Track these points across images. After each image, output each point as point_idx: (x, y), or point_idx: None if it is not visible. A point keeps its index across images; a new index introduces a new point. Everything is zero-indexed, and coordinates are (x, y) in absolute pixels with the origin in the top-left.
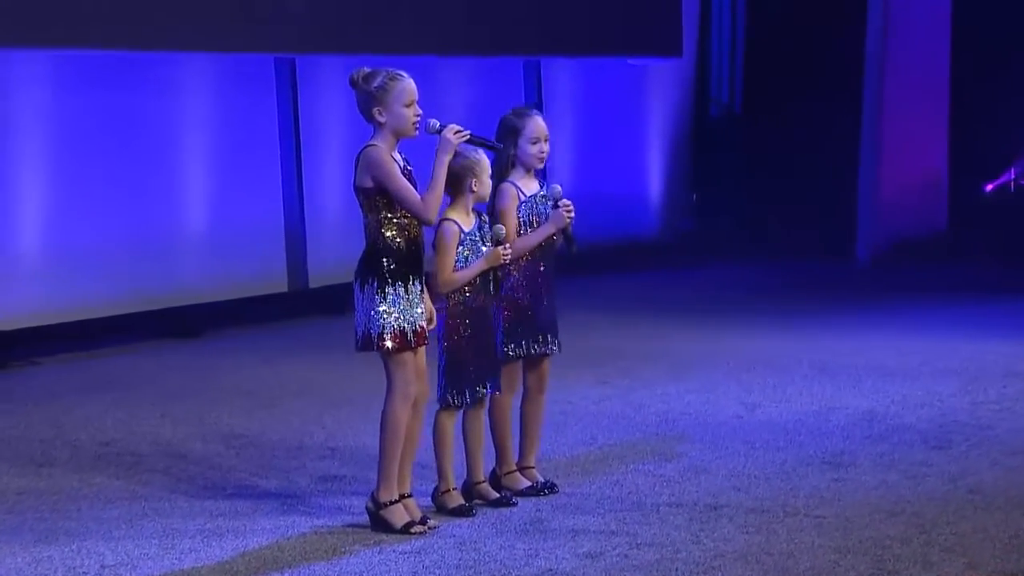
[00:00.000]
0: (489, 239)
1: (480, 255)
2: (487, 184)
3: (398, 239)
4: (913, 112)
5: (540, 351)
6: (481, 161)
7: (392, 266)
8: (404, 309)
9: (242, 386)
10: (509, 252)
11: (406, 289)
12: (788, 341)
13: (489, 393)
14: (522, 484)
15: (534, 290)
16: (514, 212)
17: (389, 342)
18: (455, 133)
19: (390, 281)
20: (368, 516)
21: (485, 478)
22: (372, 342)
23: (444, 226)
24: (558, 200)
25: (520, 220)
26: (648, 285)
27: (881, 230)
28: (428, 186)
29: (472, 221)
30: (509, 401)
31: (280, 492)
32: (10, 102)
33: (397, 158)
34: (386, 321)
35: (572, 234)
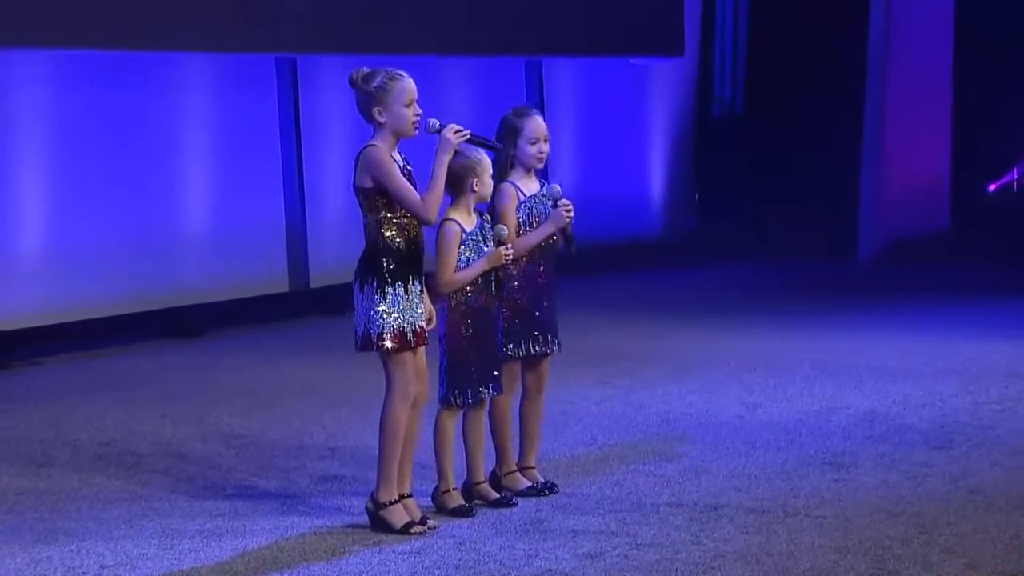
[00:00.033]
0: (491, 239)
1: (482, 255)
2: (488, 184)
3: (398, 239)
4: (915, 112)
5: (540, 351)
6: (482, 161)
7: (392, 266)
8: (404, 309)
9: (243, 386)
10: (511, 252)
11: (406, 289)
12: (789, 341)
13: (492, 394)
14: (522, 484)
15: (533, 290)
16: (513, 212)
17: (389, 342)
18: (455, 133)
19: (390, 281)
20: (368, 516)
21: (485, 478)
22: (372, 342)
23: (446, 226)
24: (557, 200)
25: (520, 220)
26: (650, 285)
27: (883, 230)
28: (428, 186)
29: (474, 221)
30: (509, 401)
31: (280, 492)
32: (11, 102)
33: (397, 158)
34: (386, 321)
35: (572, 234)
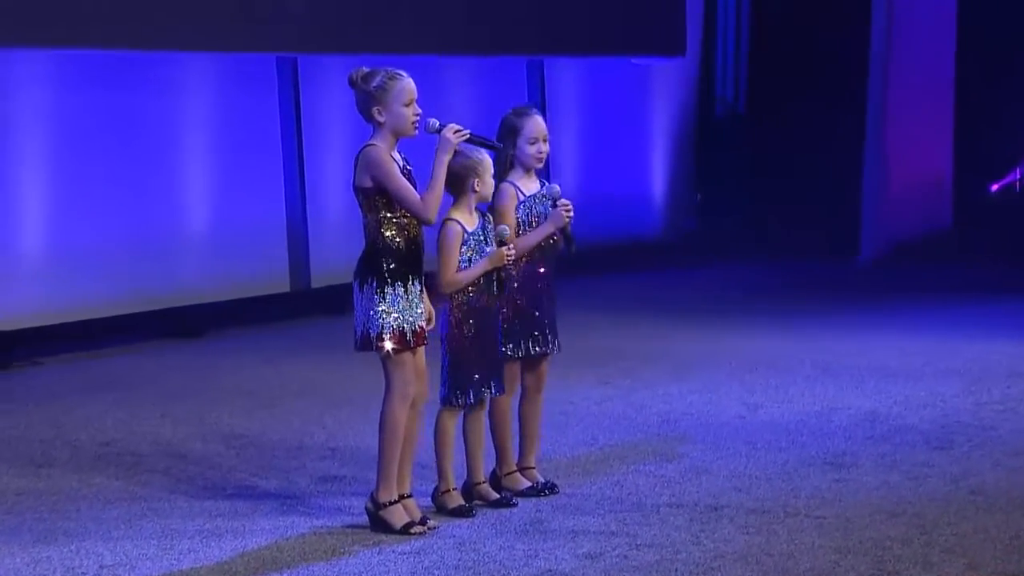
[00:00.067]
0: (493, 239)
1: (484, 255)
2: (490, 184)
3: (398, 239)
4: (917, 112)
5: (539, 351)
6: (484, 161)
7: (391, 266)
8: (403, 309)
9: (243, 386)
10: (513, 252)
11: (405, 289)
12: (791, 341)
13: (494, 394)
14: (522, 484)
15: (533, 290)
16: (513, 212)
17: (388, 342)
18: (455, 132)
19: (389, 281)
20: (367, 517)
21: (485, 479)
22: (371, 342)
23: (447, 227)
24: (557, 200)
25: (519, 220)
26: (651, 285)
27: (885, 230)
28: (428, 185)
29: (475, 221)
30: (509, 401)
31: (280, 492)
32: (11, 102)
33: (396, 158)
34: (385, 321)
35: (571, 234)
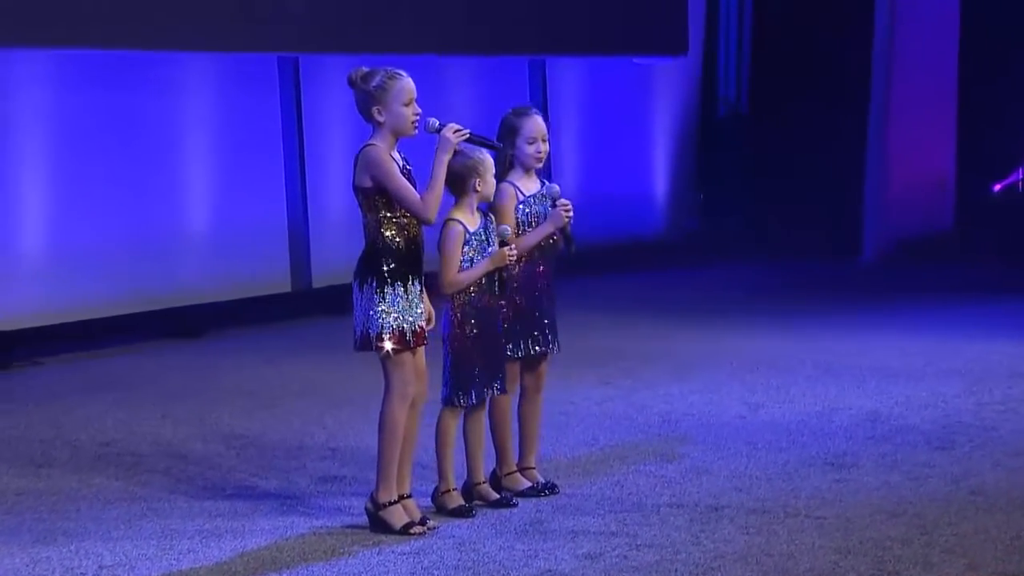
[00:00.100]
0: (494, 239)
1: (486, 255)
2: (491, 183)
3: (397, 239)
4: (920, 111)
5: (539, 351)
6: (485, 160)
7: (391, 266)
8: (403, 309)
9: (244, 386)
10: (515, 252)
11: (405, 289)
12: (792, 341)
13: (496, 394)
14: (523, 485)
15: (533, 290)
16: (512, 212)
17: (388, 342)
18: (454, 132)
19: (389, 281)
20: (367, 517)
21: (485, 479)
22: (371, 342)
23: (449, 227)
24: (556, 200)
25: (518, 220)
26: (653, 285)
27: (887, 230)
28: (427, 185)
29: (477, 221)
30: (509, 401)
31: (280, 493)
32: (11, 102)
33: (396, 157)
34: (385, 321)
35: (571, 234)
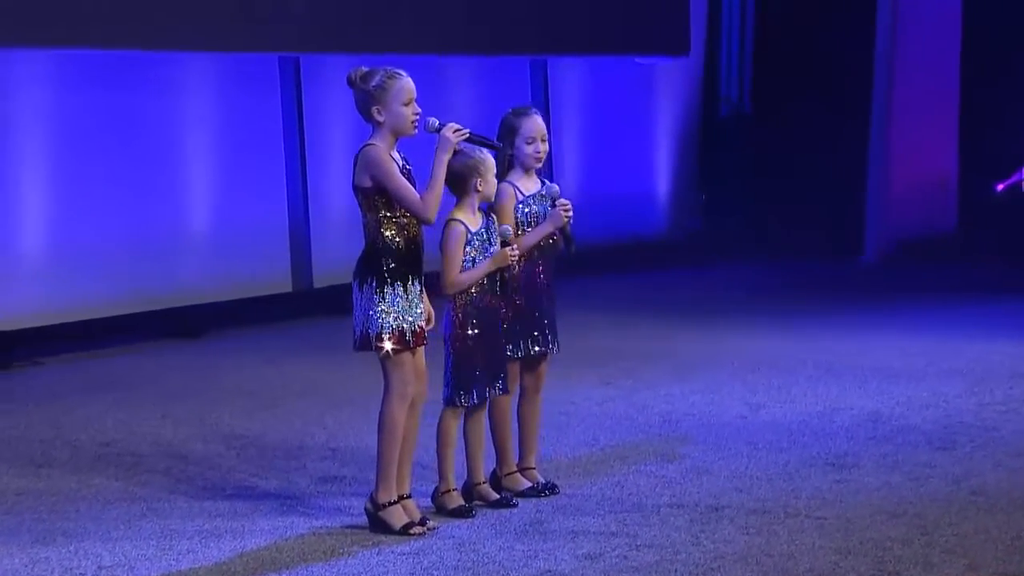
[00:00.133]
0: (496, 239)
1: (488, 255)
2: (492, 183)
3: (397, 238)
4: (922, 112)
5: (539, 351)
6: (486, 160)
7: (391, 265)
8: (403, 309)
9: (244, 387)
10: (517, 253)
11: (405, 289)
12: (794, 341)
13: (498, 394)
14: (523, 485)
15: (533, 290)
16: (512, 212)
17: (387, 342)
18: (454, 131)
19: (389, 281)
20: (367, 517)
21: (485, 479)
22: (370, 342)
23: (450, 227)
24: (556, 200)
25: (518, 220)
26: (654, 285)
27: (889, 230)
28: (427, 185)
29: (479, 221)
30: (509, 402)
31: (279, 493)
32: (12, 102)
33: (396, 157)
34: (384, 321)
35: (571, 234)
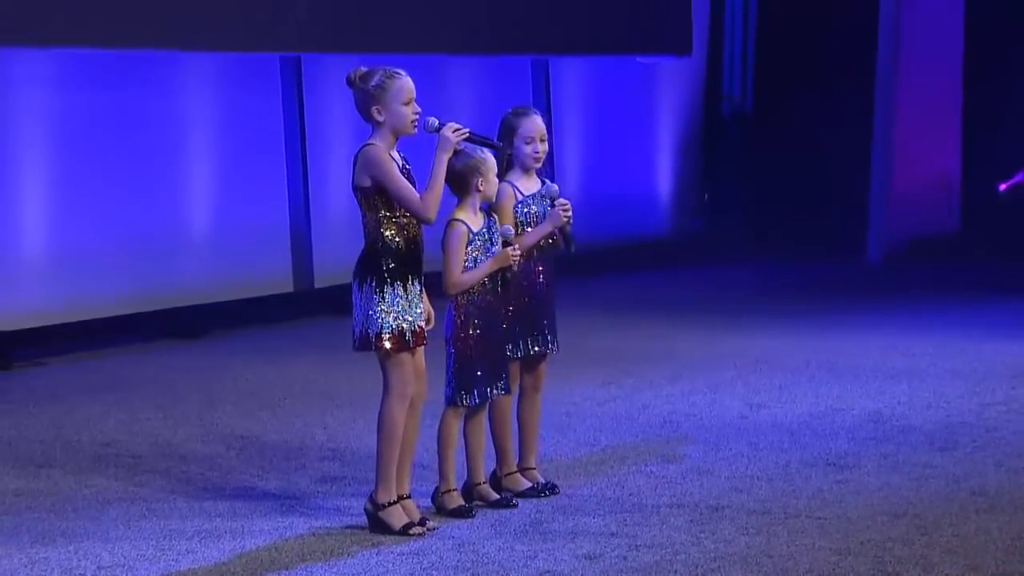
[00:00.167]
0: (498, 239)
1: (490, 255)
2: (494, 183)
3: (397, 238)
4: (925, 111)
5: (538, 351)
6: (487, 160)
7: (391, 265)
8: (403, 309)
9: (245, 387)
10: (518, 253)
11: (405, 289)
12: (795, 342)
13: (499, 394)
14: (523, 485)
15: (532, 290)
16: (511, 211)
17: (387, 342)
18: (454, 131)
19: (388, 281)
20: (367, 517)
21: (485, 479)
22: (370, 342)
23: (452, 227)
24: (555, 199)
25: (517, 220)
26: (656, 285)
27: (892, 230)
28: (427, 185)
29: (480, 221)
30: (509, 402)
31: (279, 493)
32: (12, 102)
33: (396, 157)
34: (384, 321)
35: (571, 233)
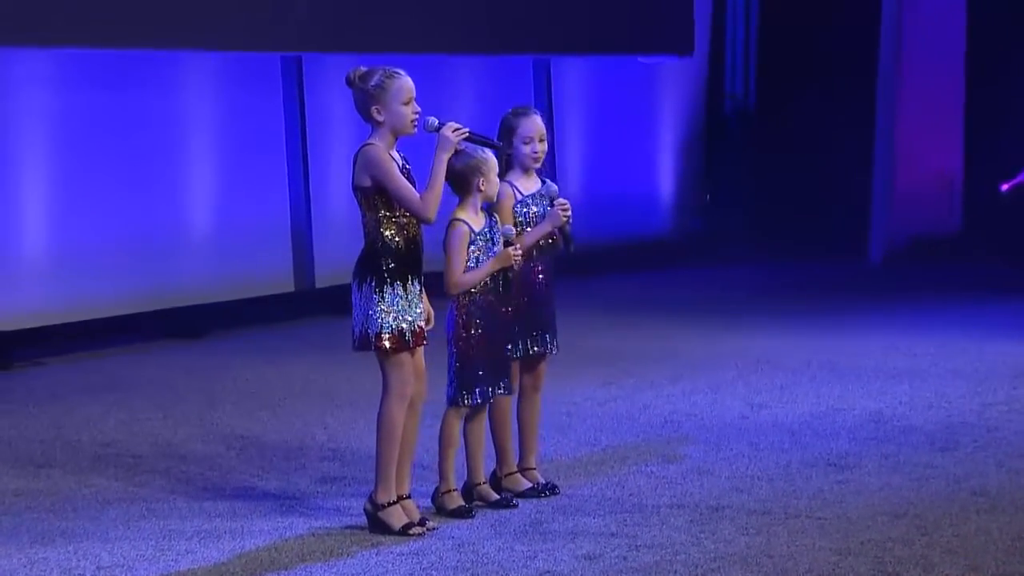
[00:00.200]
0: (499, 239)
1: (492, 255)
2: (495, 183)
3: (397, 238)
4: (927, 111)
5: (538, 351)
6: (488, 160)
7: (391, 265)
8: (402, 309)
9: (245, 387)
10: (520, 253)
11: (404, 289)
12: (797, 341)
13: (502, 394)
14: (523, 485)
15: (531, 290)
16: (510, 211)
17: (386, 342)
18: (454, 131)
19: (388, 280)
20: (366, 518)
21: (485, 479)
22: (369, 342)
23: (454, 227)
24: (554, 199)
25: (517, 220)
26: (658, 285)
27: (894, 230)
28: (427, 184)
29: (482, 221)
30: (509, 402)
31: (279, 493)
32: (12, 101)
33: (395, 157)
34: (384, 321)
35: (570, 233)
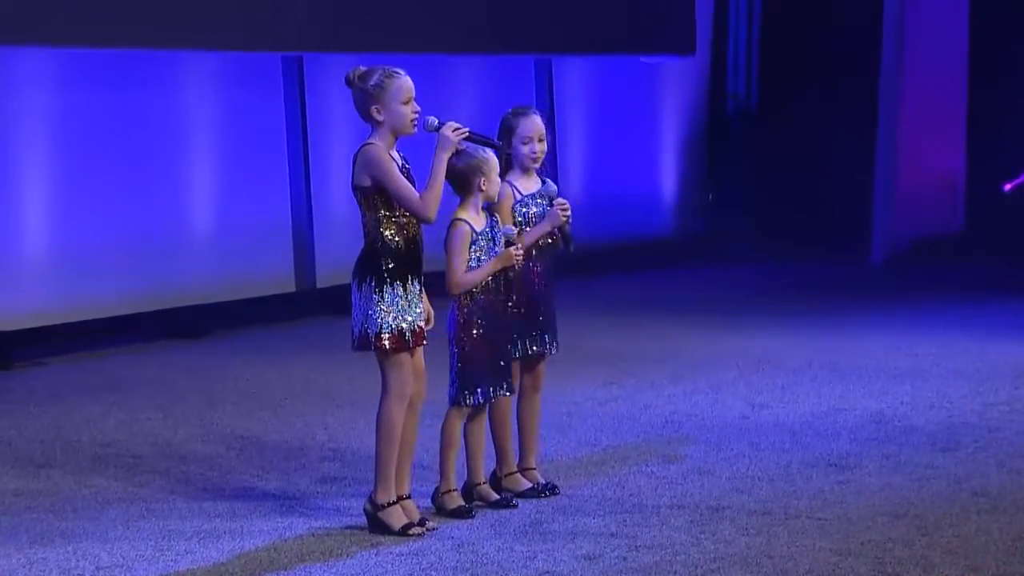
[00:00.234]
0: (500, 239)
1: (493, 255)
2: (496, 183)
3: (397, 238)
4: (930, 111)
5: (537, 351)
6: (489, 160)
7: (391, 265)
8: (402, 309)
9: (246, 387)
10: (521, 253)
11: (404, 288)
12: (799, 341)
13: (503, 394)
14: (523, 486)
15: (530, 290)
16: (509, 211)
17: (386, 342)
18: (454, 131)
19: (388, 280)
20: (366, 518)
21: (485, 479)
22: (369, 342)
23: (456, 227)
24: (554, 199)
25: (517, 219)
26: (660, 285)
27: (897, 230)
28: (427, 184)
29: (483, 221)
30: (510, 402)
31: (279, 493)
32: (13, 101)
33: (395, 156)
34: (383, 320)
35: (570, 233)
